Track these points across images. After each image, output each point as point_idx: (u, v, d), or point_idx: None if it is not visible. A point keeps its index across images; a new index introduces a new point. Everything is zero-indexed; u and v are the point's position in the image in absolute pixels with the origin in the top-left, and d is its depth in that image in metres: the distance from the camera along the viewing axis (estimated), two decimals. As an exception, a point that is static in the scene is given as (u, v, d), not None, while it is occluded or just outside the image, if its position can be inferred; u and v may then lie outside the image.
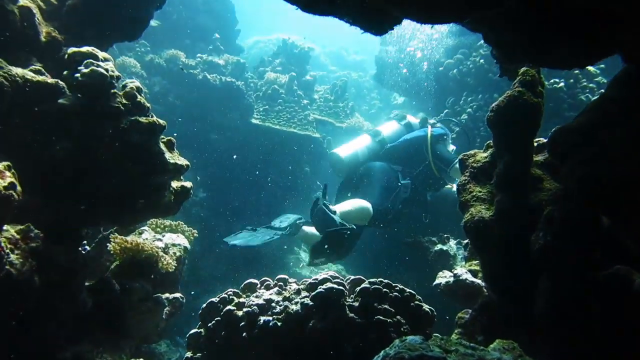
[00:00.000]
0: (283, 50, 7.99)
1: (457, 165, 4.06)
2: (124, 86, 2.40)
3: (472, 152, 2.65)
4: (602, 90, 5.38)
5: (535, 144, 2.45)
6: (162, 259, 3.16)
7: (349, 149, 4.92)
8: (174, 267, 3.25)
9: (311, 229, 4.52)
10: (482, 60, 5.85)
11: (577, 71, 5.44)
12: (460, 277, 2.69)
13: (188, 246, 3.76)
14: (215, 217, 6.70)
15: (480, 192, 2.46)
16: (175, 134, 2.95)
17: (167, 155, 2.54)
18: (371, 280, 2.53)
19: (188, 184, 2.86)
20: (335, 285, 2.43)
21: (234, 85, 6.64)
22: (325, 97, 7.52)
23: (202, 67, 6.86)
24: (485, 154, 2.57)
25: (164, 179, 2.57)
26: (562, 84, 5.33)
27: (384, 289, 2.46)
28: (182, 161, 2.62)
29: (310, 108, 7.06)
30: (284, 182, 6.96)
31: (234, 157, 6.66)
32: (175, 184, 2.78)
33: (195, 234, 4.13)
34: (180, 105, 6.73)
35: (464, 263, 4.05)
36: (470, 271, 2.77)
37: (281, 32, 13.99)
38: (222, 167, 6.75)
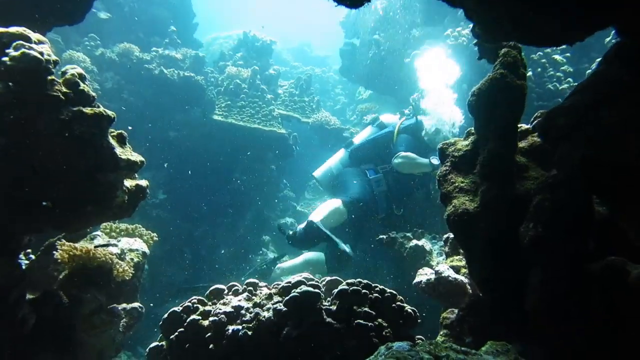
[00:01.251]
0: (244, 43, 7.73)
1: (397, 161, 4.30)
2: (64, 73, 2.13)
3: (451, 140, 2.51)
4: (570, 79, 5.44)
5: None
6: (117, 266, 2.88)
7: (324, 167, 5.14)
8: (131, 275, 2.98)
9: (287, 264, 4.91)
10: (450, 51, 5.78)
11: (544, 60, 5.45)
12: (443, 274, 2.55)
13: (147, 251, 3.48)
14: (177, 219, 6.40)
15: (462, 182, 2.32)
16: (129, 127, 2.70)
17: (118, 150, 2.28)
18: (349, 281, 2.36)
19: (143, 183, 2.60)
20: (311, 288, 2.24)
21: (193, 80, 6.35)
22: (290, 92, 7.31)
23: (158, 61, 6.52)
24: (466, 142, 2.44)
25: (115, 177, 2.31)
26: (530, 73, 5.32)
27: (363, 290, 2.28)
28: (136, 157, 2.36)
29: (274, 103, 6.84)
30: (249, 181, 6.71)
31: (207, 164, 6.39)
32: (128, 183, 2.52)
33: (155, 238, 3.85)
34: (136, 102, 6.38)
35: (442, 259, 3.95)
36: (452, 267, 2.63)
37: (241, 29, 13.72)
38: (182, 166, 6.44)
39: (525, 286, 1.96)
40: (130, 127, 2.75)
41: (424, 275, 2.73)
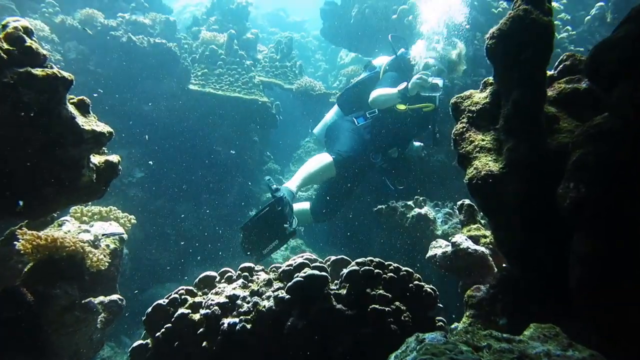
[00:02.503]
0: (217, 6, 7.23)
1: (370, 99, 3.95)
2: (4, 27, 1.75)
3: (466, 93, 2.21)
4: (568, 27, 5.18)
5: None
6: (91, 255, 2.56)
7: (321, 122, 4.89)
8: (107, 264, 2.67)
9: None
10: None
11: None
12: (461, 246, 2.29)
13: (124, 235, 3.16)
14: (156, 198, 6.05)
15: (483, 140, 2.04)
16: (95, 95, 2.33)
17: (80, 120, 1.93)
18: (359, 260, 2.09)
19: (114, 158, 2.26)
20: (316, 271, 1.97)
21: (165, 47, 5.88)
22: (271, 57, 6.89)
23: (126, 27, 6.03)
24: (483, 94, 2.15)
25: (79, 153, 1.97)
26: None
27: (376, 270, 2.02)
28: (102, 127, 2.02)
29: (254, 69, 6.43)
30: (231, 155, 6.35)
31: (186, 137, 5.96)
32: (96, 159, 2.18)
33: (132, 220, 3.52)
34: (104, 73, 5.91)
35: (448, 227, 3.71)
36: (470, 238, 2.37)
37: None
38: (159, 141, 6.05)
39: (566, 257, 1.71)
40: (96, 95, 2.40)
41: (438, 248, 2.47)
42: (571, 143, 1.77)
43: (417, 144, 4.93)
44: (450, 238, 2.41)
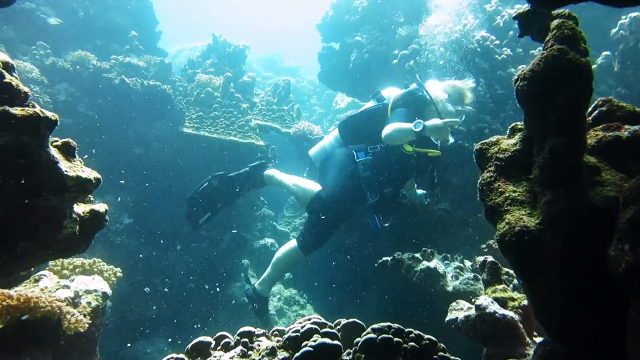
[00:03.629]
0: (214, 49, 7.20)
1: (384, 133, 3.75)
2: (-19, 61, 1.58)
3: (492, 139, 2.05)
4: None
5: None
6: (69, 316, 2.29)
7: (319, 145, 4.76)
8: (87, 325, 2.39)
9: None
10: (442, 49, 5.41)
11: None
12: (487, 310, 2.06)
13: (108, 291, 2.89)
14: (145, 246, 5.77)
15: (514, 192, 1.86)
16: (92, 150, 2.15)
17: (64, 165, 1.73)
18: (375, 326, 1.85)
19: (101, 207, 2.04)
20: (328, 340, 1.72)
21: (159, 89, 5.78)
22: (268, 100, 6.80)
23: (119, 70, 5.93)
24: (512, 140, 1.98)
25: (61, 201, 1.75)
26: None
27: (396, 339, 1.77)
28: (88, 173, 1.81)
29: (251, 112, 6.32)
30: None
31: (178, 182, 5.77)
32: (80, 209, 1.96)
33: (118, 274, 3.26)
34: (94, 116, 5.76)
35: (459, 283, 3.47)
36: (496, 300, 2.15)
37: (206, 40, 13.26)
38: (150, 186, 5.83)
39: (622, 331, 1.49)
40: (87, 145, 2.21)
41: (459, 310, 2.24)
42: (622, 197, 1.58)
43: (420, 191, 4.77)
44: (473, 300, 2.18)
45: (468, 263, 3.89)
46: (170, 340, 5.34)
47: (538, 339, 2.09)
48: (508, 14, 5.33)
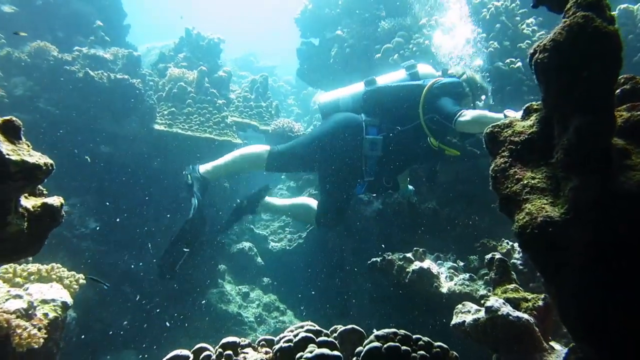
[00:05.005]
0: (187, 43, 6.91)
1: (465, 119, 3.35)
2: None
3: (505, 121, 1.86)
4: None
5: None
6: (20, 330, 2.00)
7: (333, 95, 4.31)
8: (42, 340, 2.11)
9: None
10: (427, 42, 5.27)
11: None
12: (499, 312, 1.86)
13: (69, 301, 2.60)
14: (114, 251, 5.44)
15: (533, 178, 1.67)
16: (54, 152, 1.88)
17: (4, 147, 1.45)
18: (378, 333, 1.64)
19: (55, 201, 1.77)
20: (327, 350, 1.50)
21: (127, 83, 5.46)
22: (245, 96, 6.55)
23: (83, 62, 5.59)
24: (528, 122, 1.80)
25: (3, 191, 1.48)
26: (519, 64, 4.88)
27: (403, 347, 1.56)
28: (37, 158, 1.54)
29: (227, 109, 6.06)
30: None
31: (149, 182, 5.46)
32: (29, 202, 1.68)
33: (81, 280, 2.96)
34: (56, 112, 5.40)
35: (454, 284, 3.29)
36: (508, 301, 1.95)
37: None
38: (119, 187, 5.50)
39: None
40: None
41: (466, 313, 2.04)
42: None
43: (410, 187, 4.59)
44: (483, 301, 1.98)
45: (461, 263, 3.73)
46: (141, 356, 5.03)
47: (555, 344, 1.90)
48: (495, 7, 5.21)
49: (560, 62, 1.57)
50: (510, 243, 3.61)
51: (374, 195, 4.90)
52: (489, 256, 2.20)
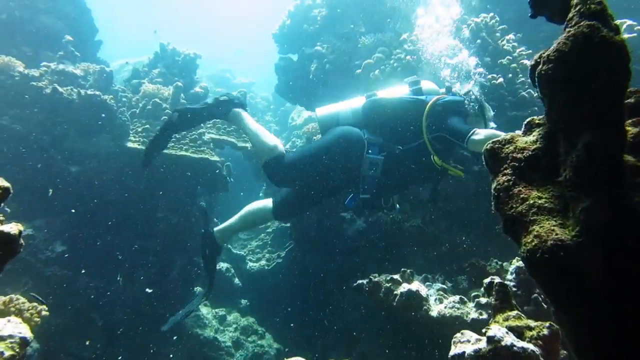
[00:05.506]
0: (162, 58, 6.73)
1: (478, 138, 3.16)
2: None
3: (506, 136, 1.75)
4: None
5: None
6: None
7: (332, 108, 4.08)
8: (-4, 384, 1.88)
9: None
10: (408, 57, 5.22)
11: (514, 65, 5.03)
12: (502, 342, 1.73)
13: (29, 335, 2.36)
14: (81, 276, 5.15)
15: (540, 198, 1.56)
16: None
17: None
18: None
19: (12, 228, 1.58)
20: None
21: (98, 99, 5.24)
22: (222, 113, 6.37)
23: (51, 78, 5.36)
24: (531, 137, 1.69)
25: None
26: (501, 80, 4.86)
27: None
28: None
29: (204, 126, 5.87)
30: (176, 222, 5.61)
31: (121, 202, 5.18)
32: (-19, 232, 1.48)
33: (44, 312, 2.72)
34: (21, 130, 5.13)
35: (445, 307, 3.16)
36: (510, 329, 1.83)
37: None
38: (88, 208, 5.24)
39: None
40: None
41: (465, 343, 1.90)
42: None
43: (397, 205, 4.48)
44: (485, 330, 1.85)
45: (449, 283, 3.61)
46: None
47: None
48: (475, 23, 5.21)
49: (566, 74, 1.47)
50: (500, 263, 3.52)
51: (363, 211, 4.74)
52: (487, 280, 2.07)
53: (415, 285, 3.28)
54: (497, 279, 2.04)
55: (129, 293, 5.33)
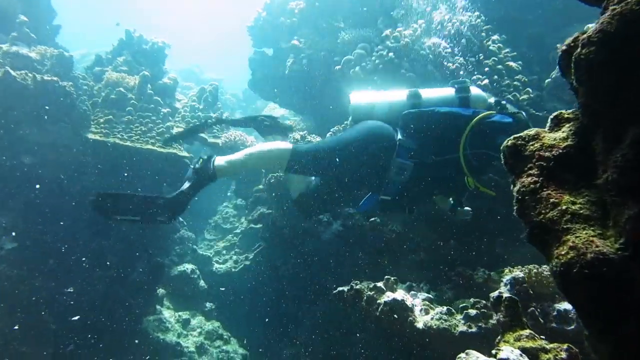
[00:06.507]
0: (127, 45, 6.32)
1: None
2: None
3: (530, 132, 1.54)
4: (529, 89, 4.95)
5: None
6: None
7: (369, 96, 3.75)
8: None
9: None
10: (391, 54, 5.02)
11: (499, 66, 4.91)
12: (519, 365, 1.52)
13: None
14: (34, 276, 4.75)
15: (573, 203, 1.35)
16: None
17: None
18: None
19: None
20: None
21: (56, 86, 4.83)
22: (192, 106, 6.04)
23: (3, 60, 4.91)
24: (560, 134, 1.49)
25: None
26: (486, 81, 4.74)
27: None
28: None
29: (173, 119, 5.53)
30: (136, 220, 5.25)
31: (80, 198, 4.78)
32: None
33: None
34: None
35: (431, 318, 2.95)
36: (524, 351, 1.62)
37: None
38: (43, 202, 4.83)
39: None
40: None
41: (474, 365, 1.68)
42: None
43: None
44: (496, 352, 1.64)
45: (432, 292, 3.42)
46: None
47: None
48: (459, 20, 5.07)
49: (612, 57, 1.27)
50: (487, 272, 3.35)
51: (375, 213, 4.46)
52: (495, 294, 1.87)
53: (400, 295, 3.07)
54: (506, 293, 1.84)
55: (86, 295, 4.95)
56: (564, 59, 1.48)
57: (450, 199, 3.82)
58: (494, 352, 1.66)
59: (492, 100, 3.65)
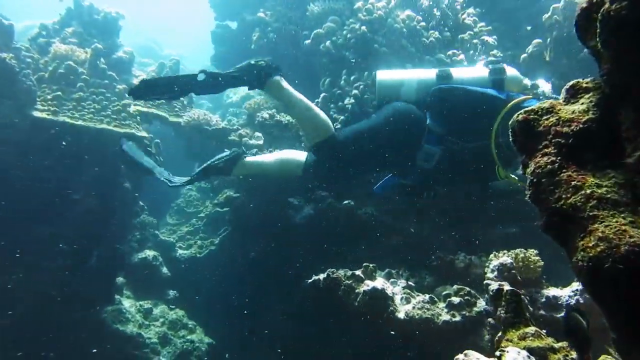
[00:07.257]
0: (76, 15, 5.82)
1: None
2: None
3: (544, 104, 1.36)
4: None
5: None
6: None
7: (397, 74, 3.62)
8: None
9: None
10: (363, 27, 4.79)
11: (475, 40, 4.78)
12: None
13: None
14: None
15: (599, 186, 1.18)
16: None
17: None
18: None
19: None
20: None
21: (-5, 58, 4.38)
22: (150, 82, 5.65)
23: None
24: (579, 106, 1.31)
25: None
26: (462, 56, 4.60)
27: None
28: None
29: (129, 97, 5.16)
30: (93, 203, 4.91)
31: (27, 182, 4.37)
32: None
33: None
34: None
35: (412, 308, 2.81)
36: (530, 352, 1.47)
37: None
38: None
39: None
40: None
41: (474, 367, 1.52)
42: None
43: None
44: (500, 353, 1.48)
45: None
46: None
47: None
48: (434, -7, 4.89)
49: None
50: (469, 257, 3.23)
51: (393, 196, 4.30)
52: (494, 287, 1.71)
53: (380, 283, 2.91)
54: (506, 286, 1.68)
55: (34, 285, 4.60)
56: (582, 19, 1.30)
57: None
58: (497, 353, 1.50)
59: (527, 82, 3.51)
